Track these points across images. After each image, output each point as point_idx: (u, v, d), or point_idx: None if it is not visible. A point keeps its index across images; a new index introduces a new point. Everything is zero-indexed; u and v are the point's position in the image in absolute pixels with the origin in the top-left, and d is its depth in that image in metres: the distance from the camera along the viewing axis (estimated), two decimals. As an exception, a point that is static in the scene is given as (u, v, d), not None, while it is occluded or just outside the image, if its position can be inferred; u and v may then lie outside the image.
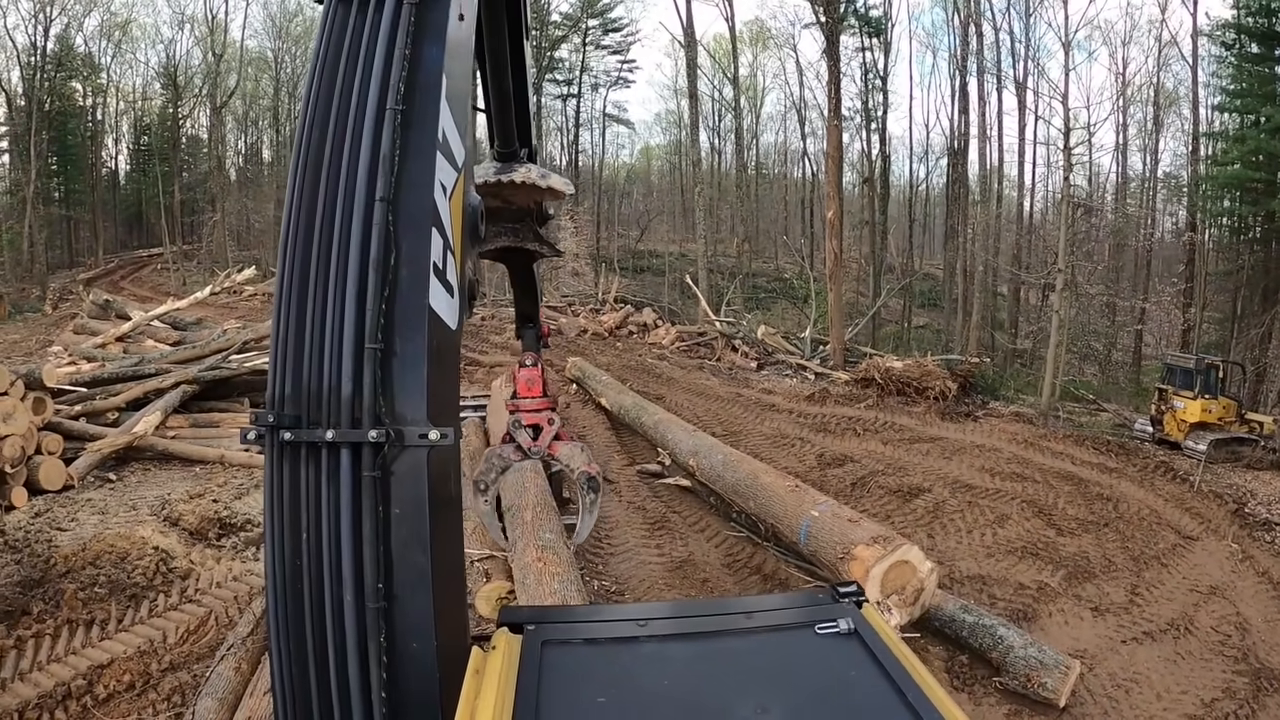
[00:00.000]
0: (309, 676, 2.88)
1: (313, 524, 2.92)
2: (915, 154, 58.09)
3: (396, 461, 2.92)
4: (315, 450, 2.94)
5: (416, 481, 2.93)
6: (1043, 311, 37.32)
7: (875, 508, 14.62)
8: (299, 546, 2.93)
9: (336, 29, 3.27)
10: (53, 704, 8.15)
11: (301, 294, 3.01)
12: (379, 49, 3.15)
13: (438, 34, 3.25)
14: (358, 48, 3.21)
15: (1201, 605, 11.77)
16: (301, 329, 2.99)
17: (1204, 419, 20.14)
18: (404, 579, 2.89)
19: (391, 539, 2.89)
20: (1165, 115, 45.65)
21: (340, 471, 2.89)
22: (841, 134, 34.90)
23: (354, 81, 3.17)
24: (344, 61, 3.20)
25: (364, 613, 2.81)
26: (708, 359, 30.72)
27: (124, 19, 60.36)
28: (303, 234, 3.07)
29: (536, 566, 8.81)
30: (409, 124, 3.10)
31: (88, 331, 26.94)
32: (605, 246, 61.06)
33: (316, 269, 3.02)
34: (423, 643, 2.90)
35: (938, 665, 9.57)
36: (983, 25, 44.16)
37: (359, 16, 3.25)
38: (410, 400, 2.96)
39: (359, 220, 2.99)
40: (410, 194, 3.06)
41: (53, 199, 59.44)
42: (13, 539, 11.91)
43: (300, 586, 2.91)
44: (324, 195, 3.07)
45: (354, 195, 3.03)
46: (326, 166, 3.10)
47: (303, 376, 2.97)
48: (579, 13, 61.13)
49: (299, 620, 2.91)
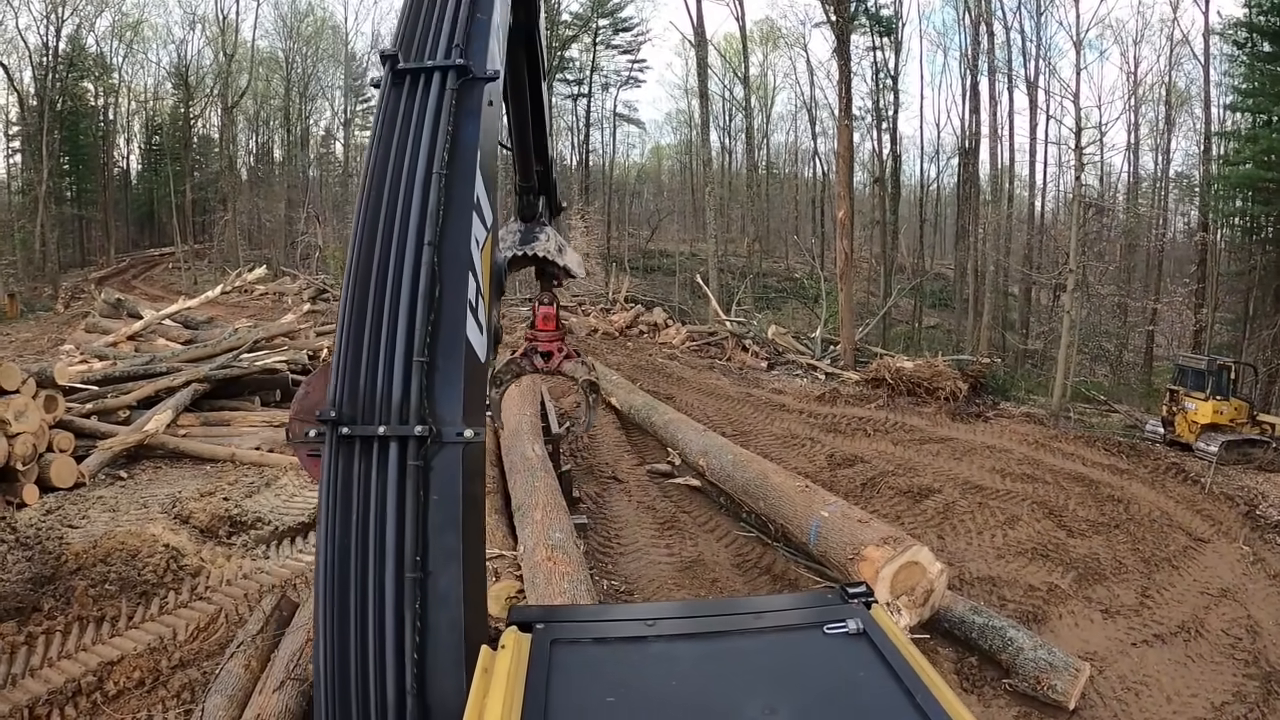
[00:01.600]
0: (350, 639, 3.29)
1: (361, 507, 3.42)
2: (926, 153, 58.00)
3: (436, 455, 3.47)
4: (368, 443, 3.49)
5: (451, 472, 3.48)
6: (1054, 312, 37.21)
7: (885, 508, 14.58)
8: (349, 526, 3.41)
9: (391, 106, 4.01)
10: (63, 700, 8.18)
11: (360, 317, 3.63)
12: (426, 124, 3.86)
13: (473, 115, 3.96)
14: (409, 122, 3.91)
15: (1212, 608, 11.71)
16: (359, 345, 3.60)
17: (1215, 420, 20.01)
18: (437, 555, 3.37)
19: (428, 521, 3.39)
20: (1177, 114, 45.46)
21: (389, 461, 3.44)
22: (852, 133, 34.89)
23: (406, 148, 3.86)
24: (398, 132, 3.90)
25: (403, 583, 3.28)
26: (718, 359, 30.71)
27: (135, 19, 60.75)
28: (363, 269, 3.71)
29: (546, 566, 8.92)
30: (450, 185, 3.78)
31: (99, 330, 27.03)
32: (616, 246, 61.08)
33: (374, 297, 3.65)
34: (451, 612, 3.33)
35: (947, 667, 9.54)
36: (994, 24, 44.09)
37: (409, 98, 3.98)
38: (448, 405, 3.53)
39: (410, 260, 3.64)
40: (451, 242, 3.73)
41: (65, 198, 59.68)
42: (24, 536, 11.94)
43: (348, 561, 3.37)
44: (381, 239, 3.74)
45: (406, 240, 3.68)
46: (384, 216, 3.76)
47: (359, 383, 3.56)
48: (589, 12, 61.22)
49: (344, 590, 3.35)
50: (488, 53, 4.16)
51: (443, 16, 4.15)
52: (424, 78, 3.99)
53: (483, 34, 4.17)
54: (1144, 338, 39.00)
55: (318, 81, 67.47)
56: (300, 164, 67.39)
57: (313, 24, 65.08)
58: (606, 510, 14.20)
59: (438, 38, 4.10)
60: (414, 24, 4.20)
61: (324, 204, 61.57)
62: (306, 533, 12.50)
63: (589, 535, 12.35)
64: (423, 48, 4.10)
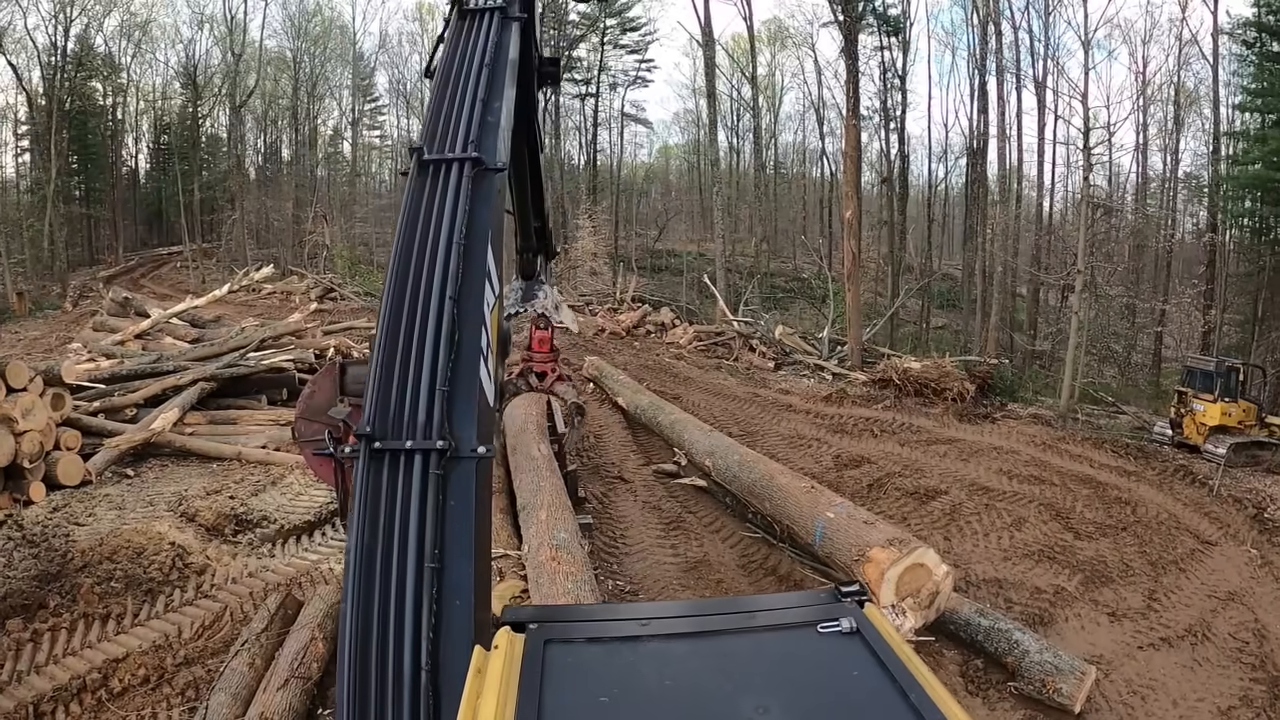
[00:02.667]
0: (373, 620, 3.77)
1: (388, 508, 4.00)
2: (934, 153, 57.71)
3: (454, 467, 4.12)
4: (396, 455, 4.13)
5: (467, 481, 4.13)
6: (1062, 313, 37.06)
7: (891, 510, 14.56)
8: (377, 524, 3.98)
9: (418, 188, 4.93)
10: (68, 697, 8.21)
11: (391, 355, 4.38)
12: (447, 203, 4.77)
13: (486, 199, 4.88)
14: (433, 201, 4.82)
15: (1219, 611, 11.67)
16: (390, 377, 4.33)
17: (1224, 422, 19.92)
18: (452, 550, 3.93)
19: (446, 521, 3.99)
20: (1186, 115, 45.16)
21: (414, 471, 4.08)
22: (860, 133, 34.79)
23: (431, 221, 4.74)
24: (423, 209, 4.80)
25: (422, 572, 3.81)
26: (725, 359, 30.71)
27: (144, 19, 60.61)
28: (394, 316, 4.48)
29: (550, 566, 9.03)
30: (466, 256, 4.62)
31: (107, 328, 27.10)
32: (623, 246, 60.95)
33: (403, 339, 4.43)
34: (463, 599, 3.86)
35: (952, 669, 9.53)
36: (1002, 24, 43.75)
37: (433, 182, 4.94)
38: (465, 426, 4.24)
39: (434, 310, 4.43)
40: (468, 301, 4.53)
41: (73, 197, 59.80)
42: (31, 533, 11.99)
43: (375, 553, 3.90)
44: (410, 293, 4.54)
45: (431, 294, 4.48)
46: (412, 275, 4.58)
47: (390, 407, 4.26)
48: (597, 12, 61.13)
49: (370, 577, 3.86)
50: (497, 149, 5.13)
51: (460, 118, 5.14)
52: (445, 167, 4.92)
53: (493, 133, 5.15)
54: (1152, 339, 38.80)
55: (326, 81, 67.40)
56: (308, 163, 67.34)
57: (321, 24, 65.02)
58: (612, 510, 14.20)
59: (456, 134, 5.08)
60: (436, 123, 5.22)
61: (332, 203, 61.60)
62: (312, 531, 12.54)
63: (594, 535, 12.34)
64: (444, 142, 5.08)
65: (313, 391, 7.39)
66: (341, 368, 7.34)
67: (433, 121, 5.20)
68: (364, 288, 46.96)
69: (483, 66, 5.37)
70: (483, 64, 5.38)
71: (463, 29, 5.62)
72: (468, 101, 5.19)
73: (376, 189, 74.51)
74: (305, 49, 64.31)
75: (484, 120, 5.13)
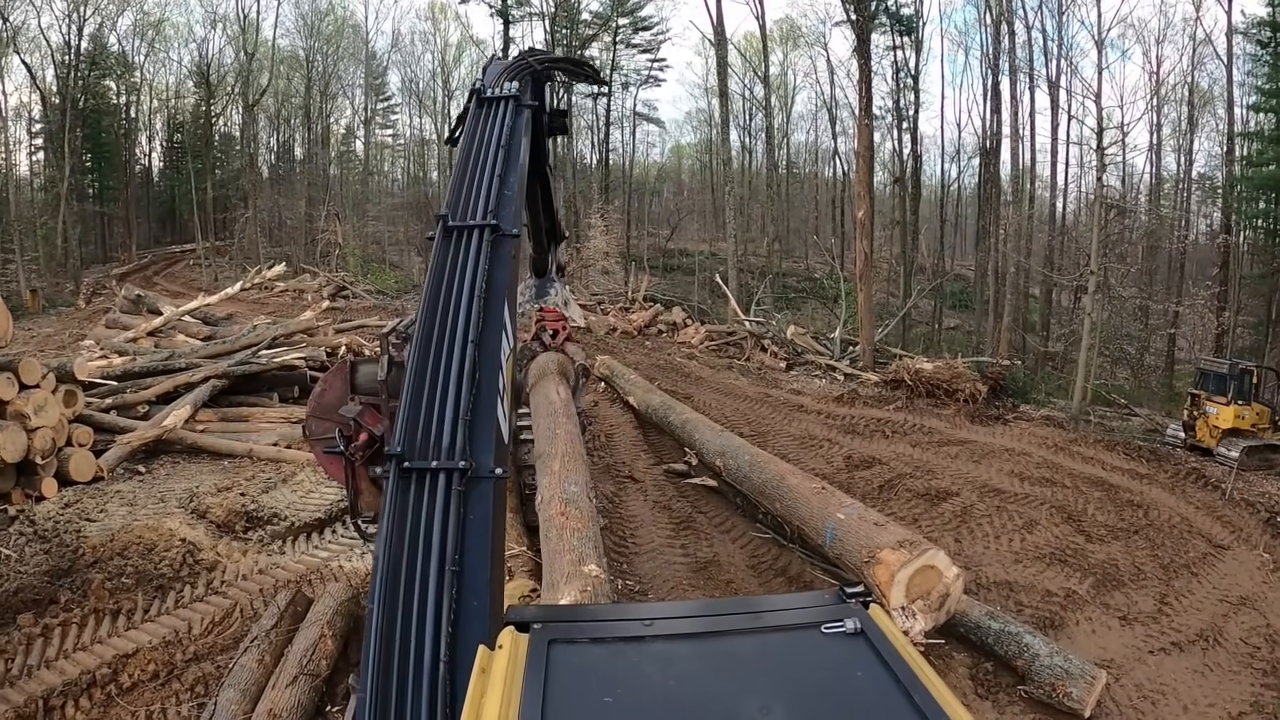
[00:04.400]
0: (396, 618, 4.07)
1: (414, 520, 4.37)
2: (947, 153, 57.50)
3: (473, 485, 4.56)
4: (423, 474, 4.55)
5: (485, 497, 4.56)
6: (1074, 314, 36.85)
7: (902, 511, 14.50)
8: (404, 533, 4.33)
9: (443, 251, 5.49)
10: (77, 692, 8.25)
11: (419, 389, 4.86)
12: (469, 264, 5.33)
13: (503, 261, 5.49)
14: (457, 261, 5.39)
15: (1231, 616, 11.59)
16: (418, 406, 4.80)
17: (1237, 425, 19.80)
18: (470, 558, 4.29)
19: (465, 533, 4.37)
20: (1200, 115, 44.98)
21: (438, 488, 4.49)
22: (872, 133, 34.76)
23: (455, 277, 5.31)
24: (447, 268, 5.34)
25: (443, 575, 4.16)
26: (736, 358, 30.65)
27: (157, 18, 61.04)
28: (422, 357, 5.00)
29: (559, 521, 9.02)
30: (487, 306, 5.20)
31: (119, 326, 27.20)
32: (635, 245, 61.04)
33: (429, 376, 4.93)
34: (480, 600, 4.20)
35: (962, 672, 9.48)
36: (1015, 23, 43.62)
37: (456, 246, 5.52)
38: (484, 451, 4.69)
39: (458, 352, 4.98)
40: (487, 346, 5.09)
41: (87, 195, 60.21)
42: (42, 529, 12.05)
43: (401, 559, 4.25)
44: (436, 338, 5.08)
45: (455, 338, 5.04)
46: (438, 323, 5.14)
47: (417, 432, 4.70)
48: (609, 11, 61.16)
49: (395, 580, 4.19)
50: (512, 218, 5.80)
51: (480, 191, 5.83)
52: (467, 232, 5.55)
53: (509, 204, 5.83)
54: (1165, 341, 38.57)
55: (338, 80, 67.67)
56: (321, 162, 67.64)
57: (333, 23, 65.27)
58: (622, 510, 14.18)
59: (477, 204, 5.75)
60: (459, 194, 5.89)
61: (344, 202, 61.84)
62: (322, 529, 12.57)
63: (604, 536, 12.30)
64: (466, 211, 5.73)
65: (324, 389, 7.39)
66: (353, 366, 7.34)
67: (456, 192, 5.87)
68: (376, 286, 47.07)
69: (499, 147, 6.14)
70: (499, 145, 6.16)
71: (482, 114, 6.39)
72: (487, 177, 5.89)
73: (389, 187, 74.87)
74: (318, 48, 64.65)
75: (501, 194, 5.82)
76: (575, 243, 53.99)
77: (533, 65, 7.36)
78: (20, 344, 25.54)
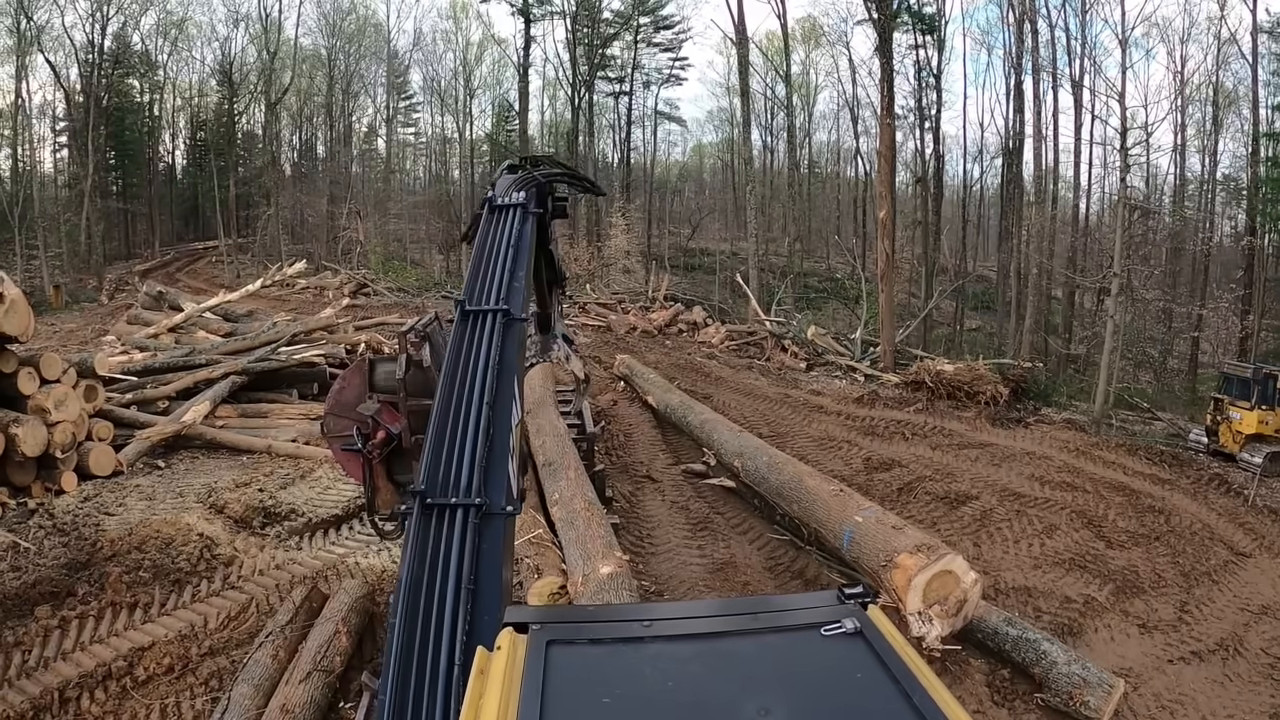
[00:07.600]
0: (416, 629, 4.39)
1: (434, 548, 4.76)
2: (969, 153, 57.10)
3: (487, 520, 4.96)
4: (443, 509, 4.95)
5: (497, 531, 4.99)
6: (1097, 316, 36.60)
7: (921, 514, 14.41)
8: (424, 560, 4.71)
9: (460, 331, 5.96)
10: (93, 684, 8.29)
11: (440, 437, 5.28)
12: (483, 343, 5.84)
13: (513, 341, 6.01)
14: (473, 343, 5.87)
15: (1252, 625, 11.44)
16: (439, 452, 5.21)
17: (1260, 431, 19.55)
18: (483, 582, 4.69)
19: (479, 561, 4.77)
20: (1224, 115, 44.51)
21: (456, 521, 4.88)
22: (894, 132, 34.56)
23: (471, 356, 5.77)
24: (464, 347, 5.82)
25: (460, 593, 4.52)
26: (757, 359, 30.62)
27: (180, 17, 61.54)
28: (442, 416, 5.41)
29: (584, 514, 10.80)
30: (500, 378, 5.69)
31: (141, 322, 27.38)
32: (656, 244, 61.12)
33: (450, 428, 5.35)
34: (491, 615, 4.45)
35: (979, 679, 9.40)
36: (1038, 22, 43.25)
37: (472, 328, 5.98)
38: (497, 493, 5.11)
39: (474, 413, 5.40)
40: (501, 411, 5.56)
41: (110, 192, 60.68)
42: (61, 522, 12.12)
43: (422, 580, 4.62)
44: (454, 400, 5.51)
45: (472, 402, 5.46)
46: (456, 388, 5.56)
47: (438, 474, 5.11)
48: (631, 10, 61.17)
49: (416, 597, 4.53)
50: (521, 305, 6.40)
51: (493, 281, 6.41)
52: (482, 316, 6.07)
53: (518, 295, 6.43)
54: (1189, 344, 38.20)
55: (360, 79, 67.93)
56: (343, 160, 67.91)
57: (355, 22, 65.53)
58: (639, 510, 14.16)
59: (490, 292, 6.32)
60: (474, 283, 6.44)
61: (366, 200, 62.14)
62: (339, 525, 12.59)
63: (621, 536, 12.26)
64: (481, 298, 6.27)
65: (342, 387, 7.37)
66: (372, 364, 7.31)
67: (472, 283, 6.46)
68: (397, 283, 47.22)
69: (509, 247, 6.89)
70: (509, 245, 6.90)
71: (494, 219, 7.14)
72: (498, 271, 6.56)
73: (410, 185, 75.02)
74: (340, 46, 64.93)
75: (511, 285, 6.48)
76: (596, 241, 54.06)
77: (537, 179, 8.17)
78: (43, 339, 25.78)
